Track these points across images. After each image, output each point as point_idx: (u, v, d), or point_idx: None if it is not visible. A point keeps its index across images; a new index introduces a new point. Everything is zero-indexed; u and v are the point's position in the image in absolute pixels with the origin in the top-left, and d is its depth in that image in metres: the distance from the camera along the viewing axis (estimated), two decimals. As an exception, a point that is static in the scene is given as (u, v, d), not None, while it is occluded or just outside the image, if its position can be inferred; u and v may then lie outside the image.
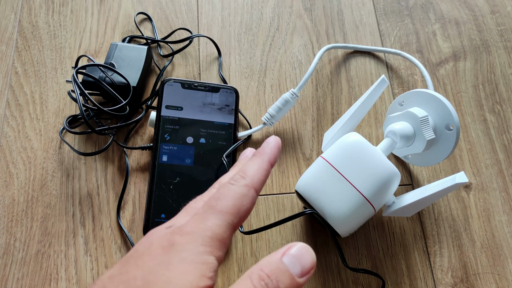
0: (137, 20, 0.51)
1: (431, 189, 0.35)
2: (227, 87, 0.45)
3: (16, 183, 0.43)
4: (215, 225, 0.20)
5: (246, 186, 0.22)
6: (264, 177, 0.24)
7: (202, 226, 0.20)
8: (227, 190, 0.22)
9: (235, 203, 0.21)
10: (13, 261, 0.40)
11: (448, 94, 0.50)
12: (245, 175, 0.23)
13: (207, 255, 0.19)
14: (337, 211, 0.35)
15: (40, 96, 0.47)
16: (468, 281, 0.41)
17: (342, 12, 0.54)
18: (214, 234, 0.20)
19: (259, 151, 0.25)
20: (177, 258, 0.19)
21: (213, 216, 0.21)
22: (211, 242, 0.20)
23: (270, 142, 0.25)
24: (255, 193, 0.23)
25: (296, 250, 0.20)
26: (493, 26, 0.54)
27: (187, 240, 0.19)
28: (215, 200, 0.21)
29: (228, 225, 0.21)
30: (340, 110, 0.48)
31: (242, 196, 0.22)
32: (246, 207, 0.22)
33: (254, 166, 0.24)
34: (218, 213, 0.21)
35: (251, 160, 0.24)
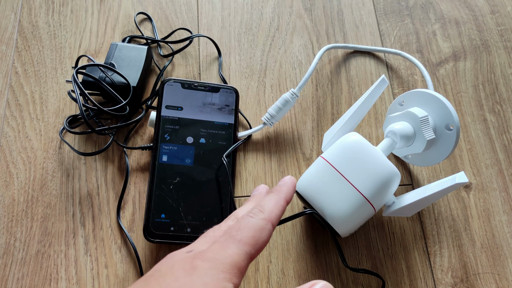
0: (137, 20, 0.51)
1: (431, 189, 0.35)
2: (227, 87, 0.45)
3: (16, 183, 0.43)
4: (235, 253, 0.21)
5: (264, 220, 0.24)
6: (281, 212, 0.25)
7: (223, 254, 0.21)
8: (246, 222, 0.23)
9: (254, 235, 0.23)
10: (13, 261, 0.40)
11: (448, 94, 0.50)
12: (263, 210, 0.24)
13: (226, 281, 0.20)
14: (337, 211, 0.35)
15: (40, 96, 0.47)
16: (468, 281, 0.41)
17: (342, 12, 0.54)
18: (234, 262, 0.21)
19: (276, 189, 0.27)
20: (200, 282, 0.20)
21: (233, 245, 0.22)
22: (231, 270, 0.21)
23: (287, 181, 0.28)
24: (271, 227, 0.24)
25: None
26: (493, 26, 0.54)
27: (209, 266, 0.20)
28: (235, 231, 0.23)
29: (246, 255, 0.22)
30: (340, 110, 0.48)
31: (261, 229, 0.23)
32: (264, 239, 0.23)
33: (271, 202, 0.25)
34: (238, 242, 0.22)
35: (268, 196, 0.26)
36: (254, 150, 0.46)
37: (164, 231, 0.39)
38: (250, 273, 0.40)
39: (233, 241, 0.22)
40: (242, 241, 0.22)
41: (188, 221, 0.40)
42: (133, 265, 0.40)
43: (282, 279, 0.40)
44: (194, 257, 0.21)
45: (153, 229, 0.39)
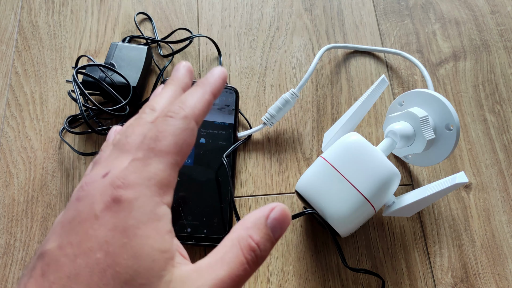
0: (137, 20, 0.51)
1: (431, 189, 0.35)
2: (227, 87, 0.45)
3: (16, 183, 0.43)
4: (159, 170, 0.18)
5: (186, 119, 0.20)
6: (206, 108, 0.21)
7: (145, 175, 0.18)
8: (165, 126, 0.19)
9: (177, 141, 0.19)
10: (13, 261, 0.40)
11: (448, 94, 0.50)
12: (184, 106, 0.20)
13: (159, 207, 0.18)
14: (337, 211, 0.35)
15: (40, 96, 0.47)
16: (468, 281, 0.41)
17: (342, 12, 0.54)
18: (160, 180, 0.18)
19: (202, 81, 0.22)
20: (132, 221, 0.17)
21: (155, 159, 0.19)
22: (159, 191, 0.18)
23: (215, 73, 0.22)
24: (195, 126, 0.20)
25: (279, 214, 0.19)
26: (493, 26, 0.54)
27: (134, 195, 0.18)
28: (153, 141, 0.19)
29: (172, 166, 0.19)
30: (340, 110, 0.48)
31: (183, 131, 0.19)
32: (188, 141, 0.20)
33: (195, 96, 0.21)
34: (159, 155, 0.19)
35: (192, 89, 0.22)
36: (254, 150, 0.46)
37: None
38: (250, 273, 0.40)
39: (154, 155, 0.19)
40: (164, 152, 0.19)
41: (188, 221, 0.40)
42: (133, 265, 0.40)
43: (282, 279, 0.40)
44: (114, 186, 0.18)
45: (153, 229, 0.39)
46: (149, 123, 0.21)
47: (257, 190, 0.44)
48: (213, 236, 0.40)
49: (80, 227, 0.17)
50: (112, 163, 0.19)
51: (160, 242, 0.17)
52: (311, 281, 0.40)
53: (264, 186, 0.44)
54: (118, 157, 0.19)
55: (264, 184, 0.44)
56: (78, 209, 0.18)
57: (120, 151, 0.20)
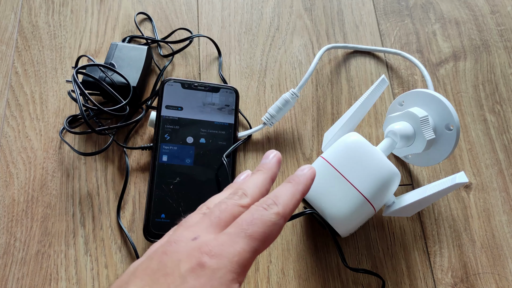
0: (137, 20, 0.51)
1: (431, 189, 0.35)
2: (227, 87, 0.45)
3: (16, 183, 0.43)
4: (244, 250, 0.20)
5: (278, 215, 0.22)
6: (295, 207, 0.23)
7: (231, 250, 0.20)
8: (260, 215, 0.22)
9: (266, 231, 0.21)
10: (13, 261, 0.40)
11: (448, 94, 0.50)
12: (278, 202, 0.23)
13: (234, 283, 0.20)
14: (337, 211, 0.35)
15: (40, 96, 0.47)
16: (468, 281, 0.41)
17: (342, 12, 0.54)
18: (241, 260, 0.20)
19: (294, 179, 0.25)
20: (208, 285, 0.19)
21: (243, 240, 0.21)
22: (238, 269, 0.20)
23: (307, 172, 0.25)
24: (283, 223, 0.22)
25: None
26: (493, 26, 0.54)
27: (217, 265, 0.19)
28: (247, 225, 0.21)
29: (254, 252, 0.21)
30: (340, 110, 0.48)
31: (273, 225, 0.22)
32: (274, 235, 0.22)
33: (288, 194, 0.23)
34: (248, 238, 0.21)
35: (285, 186, 0.24)
36: (254, 150, 0.46)
37: (164, 231, 0.39)
38: (250, 273, 0.40)
39: (243, 236, 0.21)
40: (253, 237, 0.21)
41: (188, 221, 0.40)
42: (133, 265, 0.40)
43: (282, 279, 0.40)
44: (201, 251, 0.20)
45: (153, 229, 0.39)
46: (240, 206, 0.23)
47: (257, 190, 0.44)
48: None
49: (164, 280, 0.19)
50: (202, 231, 0.21)
51: None
52: (311, 281, 0.40)
53: (264, 186, 0.44)
54: (209, 227, 0.22)
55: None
56: (164, 262, 0.20)
57: (211, 223, 0.22)
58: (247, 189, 0.24)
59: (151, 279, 0.19)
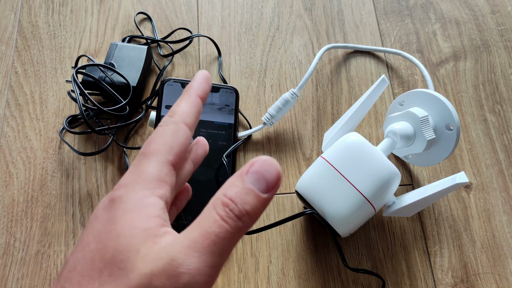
0: (137, 20, 0.51)
1: (431, 189, 0.35)
2: (227, 87, 0.45)
3: (16, 183, 0.43)
4: (149, 167, 0.20)
5: (175, 123, 0.22)
6: (194, 110, 0.23)
7: (136, 174, 0.20)
8: (156, 133, 0.21)
9: (165, 141, 0.21)
10: (13, 261, 0.40)
11: (448, 94, 0.50)
12: (173, 114, 0.22)
13: (147, 197, 0.19)
14: (337, 211, 0.35)
15: (40, 96, 0.47)
16: (468, 281, 0.41)
17: (342, 12, 0.54)
18: (150, 176, 0.20)
19: (186, 88, 0.24)
20: (120, 211, 0.19)
21: (145, 160, 0.20)
22: (149, 184, 0.20)
23: (198, 75, 0.24)
24: (185, 127, 0.22)
25: (259, 166, 0.19)
26: (493, 26, 0.54)
27: (125, 192, 0.19)
28: (145, 147, 0.21)
29: (163, 163, 0.20)
30: (340, 110, 0.48)
31: (172, 133, 0.21)
32: (178, 141, 0.21)
33: (181, 103, 0.23)
34: (149, 155, 0.20)
35: (179, 99, 0.24)
36: (254, 150, 0.46)
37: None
38: (250, 273, 0.40)
39: (144, 157, 0.20)
40: (152, 152, 0.20)
41: (188, 221, 0.40)
42: (133, 265, 0.40)
43: (282, 279, 0.40)
44: (112, 191, 0.20)
45: (153, 229, 0.39)
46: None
47: (257, 190, 0.44)
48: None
49: (85, 229, 0.20)
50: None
51: (143, 222, 0.18)
52: (311, 281, 0.40)
53: (264, 186, 0.44)
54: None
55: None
56: (90, 218, 0.20)
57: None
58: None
59: (79, 238, 0.20)
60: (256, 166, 0.19)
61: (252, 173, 0.19)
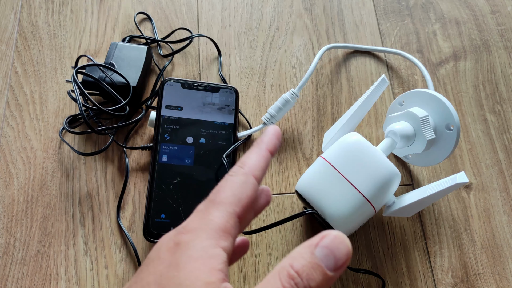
0: (137, 20, 0.51)
1: (431, 189, 0.35)
2: (227, 87, 0.45)
3: (16, 183, 0.43)
4: (217, 217, 0.20)
5: (244, 175, 0.22)
6: (263, 164, 0.23)
7: (204, 221, 0.20)
8: (225, 182, 0.22)
9: (234, 192, 0.21)
10: (13, 261, 0.40)
11: (448, 94, 0.50)
12: (243, 165, 0.23)
13: (212, 248, 0.19)
14: (337, 211, 0.35)
15: (40, 96, 0.47)
16: (468, 281, 0.41)
17: (342, 12, 0.54)
18: (217, 226, 0.20)
19: (258, 141, 0.24)
20: (184, 258, 0.19)
21: (214, 209, 0.21)
22: (215, 235, 0.20)
23: (269, 131, 0.25)
24: (254, 180, 0.22)
25: (330, 241, 0.18)
26: (494, 26, 0.54)
27: (191, 238, 0.19)
28: (214, 194, 0.21)
29: (230, 214, 0.21)
30: (340, 110, 0.48)
31: (241, 185, 0.22)
32: (247, 194, 0.22)
33: (252, 155, 0.23)
34: (218, 205, 0.21)
35: (249, 151, 0.24)
36: (254, 150, 0.46)
37: (164, 231, 0.39)
38: (250, 273, 0.40)
39: (213, 205, 0.21)
40: (222, 202, 0.21)
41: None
42: (133, 265, 0.40)
43: (282, 279, 0.40)
44: (178, 233, 0.20)
45: (153, 229, 0.39)
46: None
47: (257, 190, 0.44)
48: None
49: (146, 267, 0.20)
50: (184, 222, 0.22)
51: (206, 275, 0.18)
52: (311, 281, 0.40)
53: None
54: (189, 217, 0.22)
55: (264, 184, 0.44)
56: (149, 256, 0.20)
57: (194, 214, 0.22)
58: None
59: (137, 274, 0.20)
60: (326, 241, 0.18)
61: (322, 248, 0.18)
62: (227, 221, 0.20)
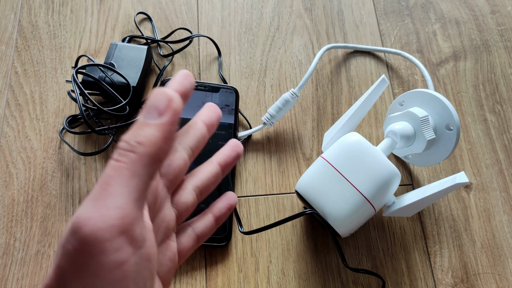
0: (137, 20, 0.51)
1: (431, 189, 0.35)
2: (227, 87, 0.45)
3: (16, 183, 0.43)
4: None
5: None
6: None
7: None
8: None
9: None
10: (13, 261, 0.40)
11: (448, 94, 0.50)
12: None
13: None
14: (337, 211, 0.35)
15: (40, 96, 0.47)
16: (468, 281, 0.41)
17: (342, 12, 0.54)
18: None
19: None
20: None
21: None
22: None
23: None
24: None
25: (149, 100, 0.18)
26: (494, 26, 0.54)
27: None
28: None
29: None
30: (340, 110, 0.48)
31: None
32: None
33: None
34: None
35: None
36: (254, 150, 0.46)
37: (164, 231, 0.39)
38: (250, 273, 0.40)
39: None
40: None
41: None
42: (133, 265, 0.40)
43: (282, 279, 0.40)
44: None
45: (153, 229, 0.39)
46: None
47: (257, 190, 0.44)
48: (213, 237, 0.40)
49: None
50: None
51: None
52: (311, 281, 0.40)
53: (264, 186, 0.44)
54: None
55: (264, 184, 0.44)
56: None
57: None
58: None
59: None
60: (147, 102, 0.18)
61: (143, 110, 0.18)
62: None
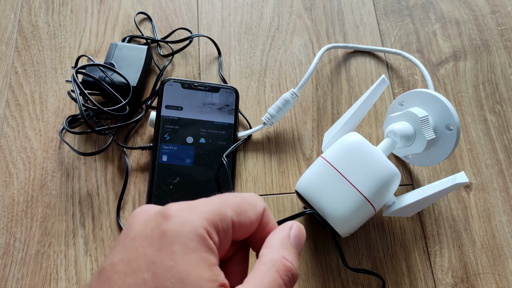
0: (137, 20, 0.51)
1: (431, 189, 0.35)
2: (227, 87, 0.45)
3: (16, 183, 0.43)
4: (207, 211, 0.21)
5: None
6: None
7: (192, 207, 0.20)
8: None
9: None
10: (13, 261, 0.40)
11: (448, 94, 0.50)
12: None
13: (206, 239, 0.18)
14: (337, 211, 0.35)
15: (40, 96, 0.47)
16: (468, 281, 0.41)
17: (342, 12, 0.54)
18: (207, 215, 0.20)
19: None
20: (178, 245, 0.17)
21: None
22: (205, 223, 0.19)
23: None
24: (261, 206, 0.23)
25: (298, 231, 0.22)
26: (494, 26, 0.54)
27: (180, 221, 0.18)
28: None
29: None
30: (340, 110, 0.48)
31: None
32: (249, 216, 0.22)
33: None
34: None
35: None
36: (254, 150, 0.46)
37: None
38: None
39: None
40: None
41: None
42: (133, 265, 0.40)
43: (282, 279, 0.40)
44: (163, 210, 0.20)
45: (153, 229, 0.39)
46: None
47: (257, 190, 0.44)
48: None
49: (132, 243, 0.18)
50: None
51: (208, 272, 0.18)
52: (311, 281, 0.40)
53: (264, 186, 0.44)
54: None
55: (264, 184, 0.44)
56: (132, 226, 0.19)
57: None
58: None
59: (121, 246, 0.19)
60: (296, 232, 0.22)
61: (295, 238, 0.22)
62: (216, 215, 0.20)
